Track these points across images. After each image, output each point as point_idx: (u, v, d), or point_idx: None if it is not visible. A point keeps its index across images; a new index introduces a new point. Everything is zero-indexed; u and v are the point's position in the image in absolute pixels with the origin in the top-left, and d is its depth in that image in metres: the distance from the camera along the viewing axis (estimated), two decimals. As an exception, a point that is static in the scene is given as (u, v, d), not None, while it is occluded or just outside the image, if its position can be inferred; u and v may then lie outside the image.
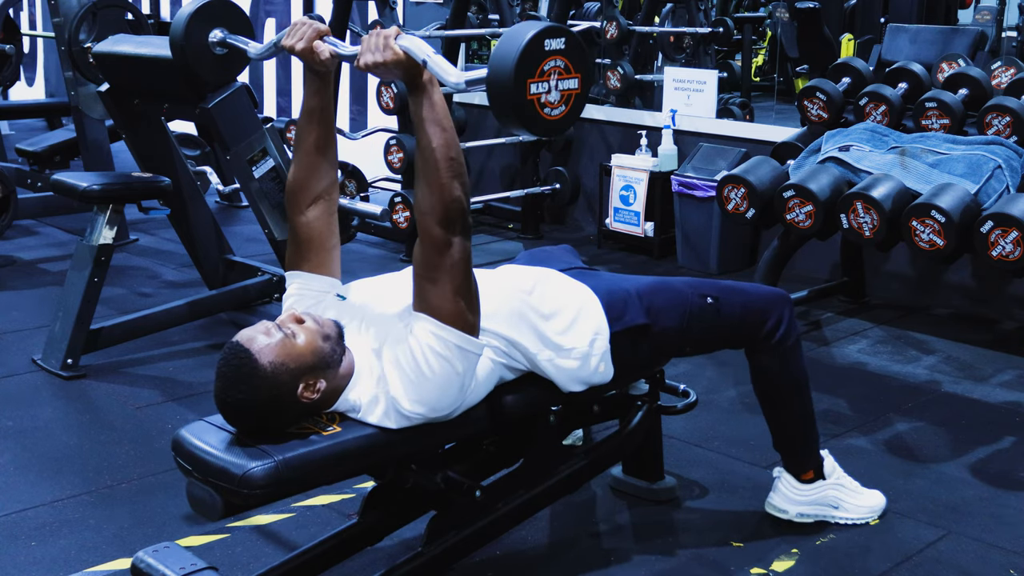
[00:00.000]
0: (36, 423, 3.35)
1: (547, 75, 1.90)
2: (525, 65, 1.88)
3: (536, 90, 1.90)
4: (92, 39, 4.79)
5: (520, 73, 1.87)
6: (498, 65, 1.89)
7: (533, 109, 1.91)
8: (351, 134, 6.25)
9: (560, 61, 1.91)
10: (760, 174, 4.00)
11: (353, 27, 6.01)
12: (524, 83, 1.88)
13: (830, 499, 2.70)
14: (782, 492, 2.71)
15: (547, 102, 1.92)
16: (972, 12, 7.09)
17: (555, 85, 1.92)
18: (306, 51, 2.16)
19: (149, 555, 2.14)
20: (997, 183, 3.68)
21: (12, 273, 4.99)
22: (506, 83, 1.89)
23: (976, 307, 4.60)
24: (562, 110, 1.95)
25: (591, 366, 2.32)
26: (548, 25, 1.90)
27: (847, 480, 2.74)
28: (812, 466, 2.69)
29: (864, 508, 2.73)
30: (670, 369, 2.75)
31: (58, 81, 8.79)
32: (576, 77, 1.94)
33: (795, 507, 2.70)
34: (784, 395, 2.64)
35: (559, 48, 1.90)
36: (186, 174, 4.23)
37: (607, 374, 2.36)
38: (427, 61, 1.95)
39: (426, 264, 2.04)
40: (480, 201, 5.95)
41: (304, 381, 2.03)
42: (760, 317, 2.54)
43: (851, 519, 2.71)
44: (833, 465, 2.73)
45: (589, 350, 2.31)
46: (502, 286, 2.28)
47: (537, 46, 1.88)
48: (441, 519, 2.30)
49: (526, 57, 1.87)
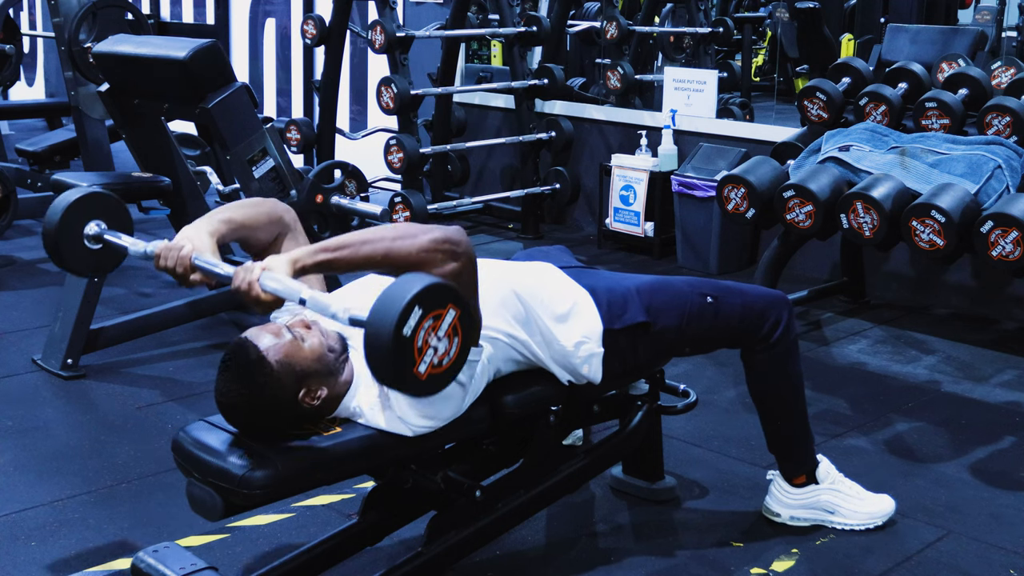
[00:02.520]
0: (36, 423, 3.35)
1: (425, 344, 1.72)
2: (403, 360, 1.70)
3: (427, 363, 1.73)
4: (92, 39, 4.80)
5: (403, 369, 1.71)
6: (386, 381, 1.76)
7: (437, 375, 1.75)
8: (351, 134, 6.26)
9: (427, 321, 1.71)
10: (760, 174, 4.00)
11: (353, 27, 6.02)
12: (412, 372, 1.72)
13: (825, 504, 2.69)
14: (774, 495, 2.71)
15: (440, 357, 1.75)
16: (972, 12, 7.09)
17: (437, 339, 1.74)
18: (180, 276, 2.07)
19: (149, 555, 2.14)
20: (997, 183, 3.68)
21: (12, 273, 4.99)
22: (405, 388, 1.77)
23: (976, 307, 4.60)
24: (456, 345, 1.77)
25: (576, 364, 2.33)
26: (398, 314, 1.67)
27: (846, 485, 2.71)
28: (804, 471, 2.68)
29: (863, 514, 2.70)
30: (670, 369, 2.75)
31: (58, 81, 8.79)
32: (447, 310, 1.74)
33: (787, 510, 2.70)
34: (779, 397, 2.63)
35: (418, 318, 1.69)
36: (186, 174, 4.23)
37: (594, 376, 2.36)
38: (305, 301, 1.81)
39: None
40: (480, 201, 5.95)
41: (306, 386, 2.03)
42: (759, 318, 2.54)
43: (849, 524, 2.69)
44: (828, 469, 2.71)
45: (575, 351, 2.32)
46: (500, 276, 2.29)
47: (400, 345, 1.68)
48: (441, 519, 2.30)
49: (399, 353, 1.69)
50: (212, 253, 2.04)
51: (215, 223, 2.11)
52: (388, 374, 1.72)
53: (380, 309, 1.69)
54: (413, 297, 1.68)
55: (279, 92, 7.74)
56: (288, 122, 5.98)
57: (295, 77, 7.56)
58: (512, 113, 6.04)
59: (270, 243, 2.23)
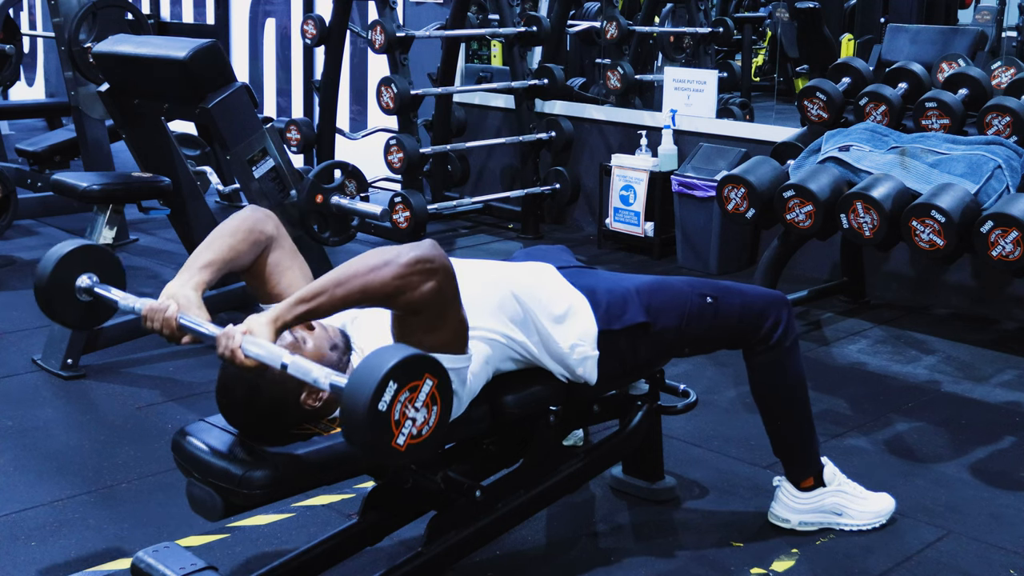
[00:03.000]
0: (36, 423, 3.35)
1: (403, 416, 1.70)
2: (380, 434, 1.68)
3: (405, 433, 1.70)
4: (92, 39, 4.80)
5: (381, 442, 1.68)
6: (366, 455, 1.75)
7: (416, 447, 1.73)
8: (351, 134, 6.26)
9: (404, 394, 1.69)
10: (760, 174, 4.00)
11: (353, 27, 6.02)
12: (390, 446, 1.70)
13: (833, 506, 2.68)
14: (783, 501, 2.69)
15: (419, 427, 1.72)
16: (972, 12, 7.09)
17: (415, 409, 1.72)
18: (167, 336, 2.06)
19: (149, 555, 2.14)
20: (997, 183, 3.68)
21: (12, 273, 4.99)
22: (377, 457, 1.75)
23: (976, 307, 4.60)
24: (435, 413, 1.74)
25: (571, 365, 2.33)
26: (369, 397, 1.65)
27: (850, 486, 2.71)
28: (811, 473, 2.67)
29: (870, 514, 2.70)
30: (670, 369, 2.75)
31: (58, 81, 8.80)
32: (424, 381, 1.72)
33: (797, 516, 2.68)
34: (781, 398, 2.63)
35: (394, 392, 1.67)
36: (186, 174, 4.23)
37: (590, 377, 2.36)
38: (287, 366, 1.80)
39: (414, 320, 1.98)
40: (480, 201, 5.95)
41: (307, 388, 2.03)
42: (758, 318, 2.54)
43: (856, 525, 2.69)
44: (834, 472, 2.70)
45: (570, 352, 2.32)
46: (498, 277, 2.29)
47: (375, 414, 1.66)
48: (441, 519, 2.30)
49: (376, 428, 1.67)
50: (198, 308, 2.03)
51: (197, 273, 2.08)
52: (366, 448, 1.71)
53: (356, 383, 1.68)
54: (388, 371, 1.67)
55: (279, 92, 7.74)
56: (288, 122, 5.98)
57: (295, 77, 7.56)
58: (512, 113, 6.04)
59: (256, 259, 2.20)
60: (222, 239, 2.15)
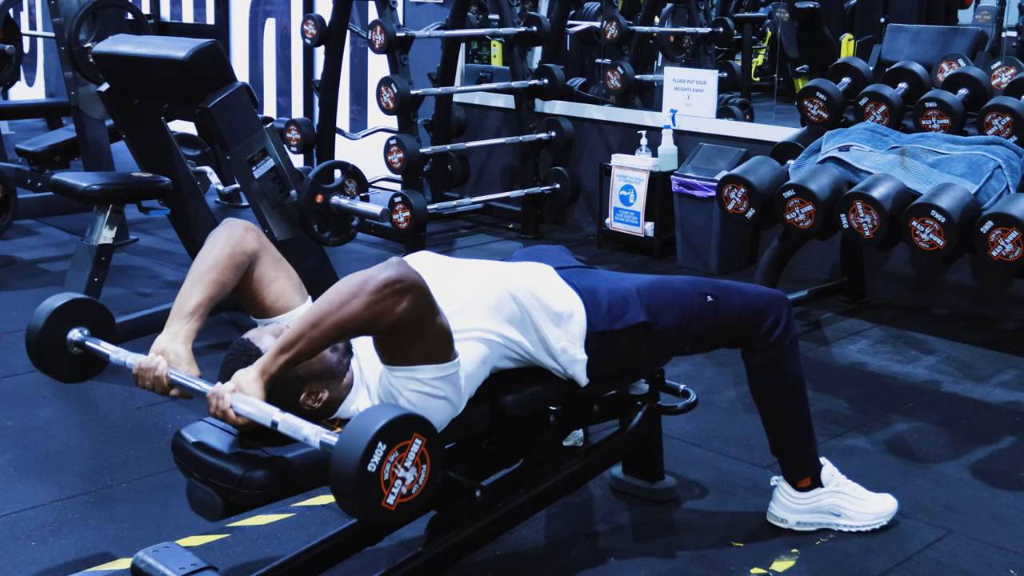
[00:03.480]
0: (36, 423, 3.35)
1: (393, 475, 1.70)
2: (370, 494, 1.69)
3: (395, 493, 1.71)
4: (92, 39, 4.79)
5: (371, 503, 1.70)
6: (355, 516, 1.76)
7: (407, 506, 1.74)
8: (351, 134, 6.26)
9: (394, 453, 1.70)
10: (760, 174, 4.00)
11: (353, 27, 6.02)
12: (380, 505, 1.71)
13: (830, 507, 2.68)
14: (780, 501, 2.69)
15: (410, 485, 1.73)
16: (972, 12, 7.10)
17: (405, 468, 1.72)
18: (158, 391, 2.06)
19: (149, 555, 2.14)
20: (997, 183, 3.68)
21: (12, 273, 4.99)
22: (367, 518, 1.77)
23: (976, 307, 4.60)
24: (424, 472, 1.75)
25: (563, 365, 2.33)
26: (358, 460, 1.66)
27: (849, 487, 2.71)
28: (809, 473, 2.67)
29: (869, 515, 2.69)
30: (670, 369, 2.75)
31: (58, 81, 8.80)
32: (414, 440, 1.73)
33: (794, 516, 2.68)
34: (780, 397, 2.63)
35: (384, 450, 1.68)
36: (186, 174, 4.22)
37: (579, 379, 2.36)
38: (277, 424, 1.82)
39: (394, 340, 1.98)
40: (480, 201, 5.95)
41: (308, 389, 2.03)
42: (758, 316, 2.54)
43: (855, 526, 2.68)
44: (832, 472, 2.70)
45: (561, 354, 2.32)
46: (496, 277, 2.29)
47: (365, 475, 1.67)
48: (441, 519, 2.30)
49: (365, 488, 1.68)
50: (188, 363, 2.03)
51: (185, 323, 2.07)
52: (356, 509, 1.72)
53: (345, 444, 1.69)
54: (376, 432, 1.67)
55: (279, 92, 7.74)
56: (288, 122, 5.98)
57: (295, 77, 7.56)
58: (512, 113, 6.04)
59: (242, 279, 2.19)
60: (205, 275, 2.12)
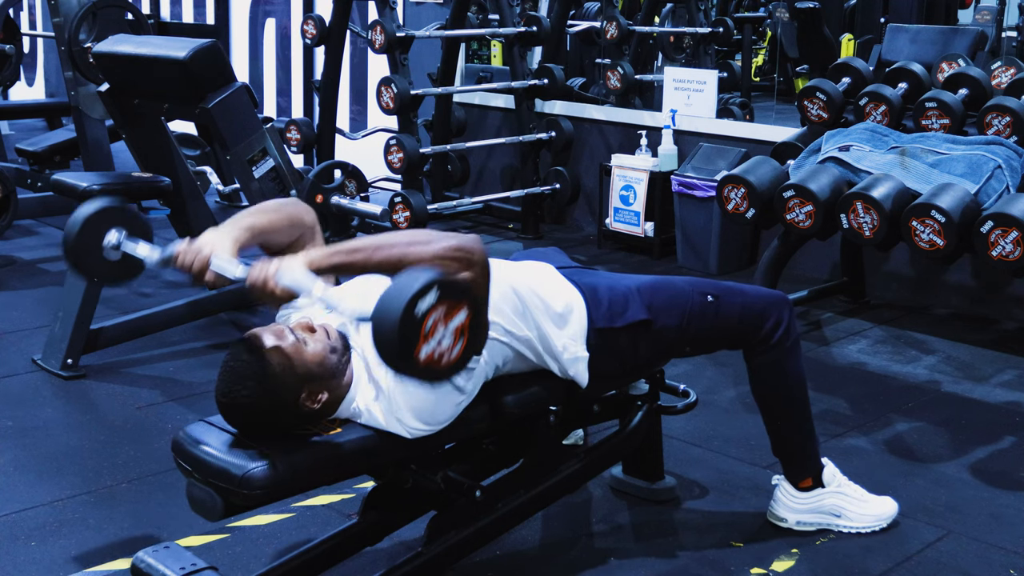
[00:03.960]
0: (36, 423, 3.35)
1: (432, 331, 1.74)
2: (408, 342, 1.72)
3: (428, 351, 1.75)
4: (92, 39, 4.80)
5: (406, 353, 1.73)
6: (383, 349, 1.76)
7: (431, 368, 1.78)
8: (351, 134, 6.26)
9: (439, 310, 1.74)
10: (760, 174, 4.00)
11: (353, 27, 6.02)
12: (412, 353, 1.74)
13: (831, 507, 2.67)
14: (781, 501, 2.69)
15: (442, 352, 1.77)
16: (972, 12, 7.10)
17: (444, 332, 1.77)
18: (195, 278, 2.11)
19: (149, 555, 2.14)
20: (997, 183, 3.68)
21: (12, 273, 4.99)
22: (399, 365, 1.78)
23: (976, 307, 4.60)
24: (460, 346, 1.79)
25: (564, 365, 2.33)
26: (414, 292, 1.71)
27: (850, 488, 2.70)
28: (810, 473, 2.67)
29: (869, 516, 2.69)
30: (670, 369, 2.75)
31: (58, 81, 8.80)
32: (461, 309, 1.78)
33: (794, 515, 2.68)
34: (781, 398, 2.62)
35: (432, 302, 1.72)
36: (186, 174, 4.23)
37: (580, 379, 2.36)
38: (318, 297, 1.85)
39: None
40: (480, 201, 5.95)
41: (307, 389, 2.03)
42: (759, 317, 2.54)
43: (855, 528, 2.68)
44: (834, 473, 2.70)
45: (563, 352, 2.32)
46: (501, 274, 2.29)
47: (410, 320, 1.71)
48: (441, 519, 2.30)
49: (405, 336, 1.72)
50: (230, 255, 2.07)
51: (238, 230, 2.12)
52: (389, 347, 1.73)
53: (399, 283, 1.72)
54: (435, 279, 1.72)
55: (279, 92, 7.74)
56: (288, 122, 5.98)
57: (295, 77, 7.56)
58: (512, 113, 6.03)
59: (288, 246, 2.22)
60: (267, 212, 2.20)
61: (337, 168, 3.88)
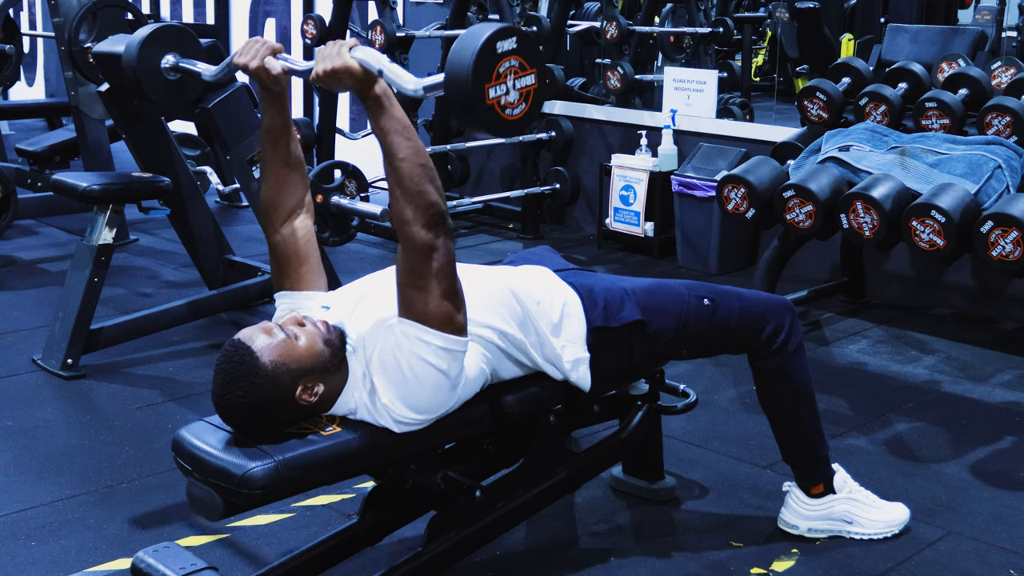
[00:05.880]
0: (36, 423, 3.35)
1: (503, 77, 1.90)
2: (481, 72, 1.87)
3: (495, 93, 1.90)
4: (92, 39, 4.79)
5: (478, 80, 1.87)
6: (454, 74, 1.89)
7: (494, 113, 1.92)
8: (351, 134, 6.27)
9: (515, 60, 1.90)
10: (760, 174, 4.01)
11: (353, 27, 6.03)
12: (483, 89, 1.89)
13: (843, 514, 2.65)
14: (792, 507, 2.67)
15: (507, 103, 1.93)
16: (972, 12, 7.10)
17: (513, 85, 1.92)
18: (259, 69, 2.16)
19: (149, 555, 2.14)
20: (997, 183, 3.68)
21: (12, 273, 4.99)
22: (465, 91, 1.88)
23: (976, 307, 4.60)
24: (522, 108, 1.95)
25: (566, 370, 2.33)
26: (498, 28, 1.89)
27: (862, 494, 2.68)
28: (822, 480, 2.64)
29: (881, 523, 2.67)
30: (670, 369, 2.75)
31: (58, 81, 8.80)
32: (532, 73, 1.94)
33: (805, 522, 2.66)
34: (787, 403, 2.60)
35: (512, 48, 1.89)
36: (186, 174, 4.22)
37: (583, 384, 2.36)
38: (383, 71, 1.95)
39: (411, 272, 2.02)
40: (480, 201, 5.95)
41: (303, 383, 2.03)
42: (758, 322, 2.52)
43: (867, 534, 2.65)
44: (845, 479, 2.67)
45: (562, 354, 2.32)
46: (498, 279, 2.30)
47: (490, 51, 1.87)
48: (441, 519, 2.30)
49: (481, 63, 1.87)
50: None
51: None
52: (463, 76, 1.86)
53: (486, 24, 1.86)
54: (517, 29, 1.88)
55: (279, 92, 7.73)
56: (288, 122, 5.97)
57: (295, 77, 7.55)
58: (512, 113, 6.02)
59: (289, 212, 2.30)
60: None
61: (337, 168, 3.87)
